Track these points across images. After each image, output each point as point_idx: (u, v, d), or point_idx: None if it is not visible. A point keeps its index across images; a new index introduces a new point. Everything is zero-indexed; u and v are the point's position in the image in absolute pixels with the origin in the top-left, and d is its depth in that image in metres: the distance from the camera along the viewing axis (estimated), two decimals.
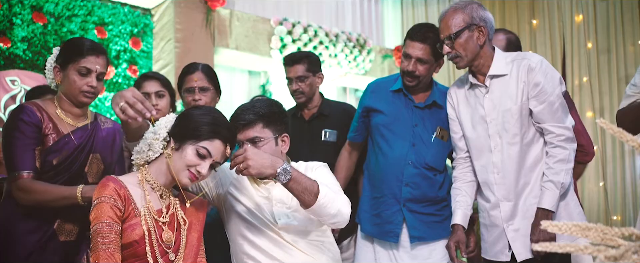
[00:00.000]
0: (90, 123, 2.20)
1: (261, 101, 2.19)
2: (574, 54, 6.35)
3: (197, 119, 1.80)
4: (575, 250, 0.78)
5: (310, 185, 1.91)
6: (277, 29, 5.75)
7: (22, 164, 2.00)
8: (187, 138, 1.77)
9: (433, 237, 2.56)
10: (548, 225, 0.82)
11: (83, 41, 2.15)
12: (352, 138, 2.82)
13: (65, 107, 2.15)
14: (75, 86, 2.09)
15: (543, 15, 6.65)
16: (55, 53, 2.18)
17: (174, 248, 1.79)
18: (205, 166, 1.77)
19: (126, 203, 1.73)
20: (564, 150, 2.19)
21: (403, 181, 2.56)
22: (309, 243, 2.13)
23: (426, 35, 2.50)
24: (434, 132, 2.57)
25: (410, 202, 2.55)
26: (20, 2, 4.36)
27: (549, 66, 2.26)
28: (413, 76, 2.54)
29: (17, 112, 2.07)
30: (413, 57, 2.51)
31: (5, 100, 4.17)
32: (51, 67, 2.16)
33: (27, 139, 2.02)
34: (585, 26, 6.32)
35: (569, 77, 6.32)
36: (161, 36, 5.14)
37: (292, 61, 3.09)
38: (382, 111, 2.65)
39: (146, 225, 1.74)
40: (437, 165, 2.60)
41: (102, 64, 2.13)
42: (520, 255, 2.23)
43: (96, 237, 1.67)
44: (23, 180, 1.99)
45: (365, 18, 6.93)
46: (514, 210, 2.26)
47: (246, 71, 6.14)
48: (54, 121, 2.10)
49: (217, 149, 1.78)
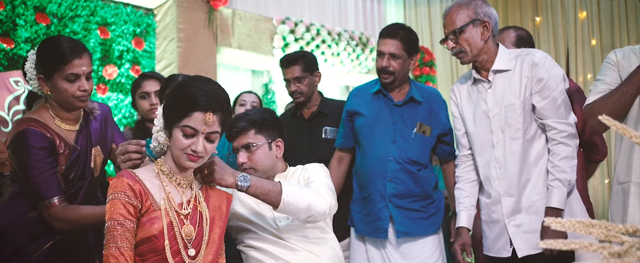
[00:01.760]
0: (82, 118, 2.16)
1: (253, 109, 2.35)
2: (578, 52, 6.33)
3: (169, 100, 1.75)
4: (579, 247, 0.77)
5: (272, 186, 1.96)
6: (280, 28, 5.74)
7: (49, 192, 1.97)
8: (170, 123, 1.73)
9: (419, 232, 2.63)
10: (551, 222, 0.81)
11: (61, 45, 2.02)
12: (341, 144, 2.87)
13: (61, 115, 2.08)
14: (68, 94, 2.01)
15: (546, 12, 6.63)
16: (31, 59, 2.06)
17: (194, 243, 1.74)
18: (198, 143, 1.70)
19: (143, 198, 1.69)
20: (567, 147, 2.18)
21: (387, 177, 2.64)
22: (312, 242, 2.17)
23: (397, 31, 2.67)
24: (414, 128, 2.66)
25: (396, 198, 2.63)
26: (23, 3, 4.36)
27: (553, 62, 2.26)
28: (388, 72, 2.67)
29: (24, 138, 1.98)
30: (386, 54, 2.65)
31: (9, 101, 4.18)
32: (34, 77, 2.04)
33: (45, 166, 1.97)
34: (589, 23, 6.30)
35: (573, 74, 6.30)
36: (164, 35, 5.15)
37: (288, 62, 3.11)
38: (363, 113, 2.75)
39: (167, 218, 1.70)
40: (420, 160, 2.67)
41: (87, 63, 2.04)
42: (521, 250, 2.23)
43: (107, 234, 1.66)
44: (55, 208, 1.96)
45: (367, 17, 6.92)
46: (516, 205, 2.25)
47: (249, 70, 6.14)
48: (60, 135, 2.06)
49: (198, 121, 1.69)
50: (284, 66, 3.13)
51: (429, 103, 2.73)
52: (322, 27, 6.00)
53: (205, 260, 1.76)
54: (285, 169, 2.31)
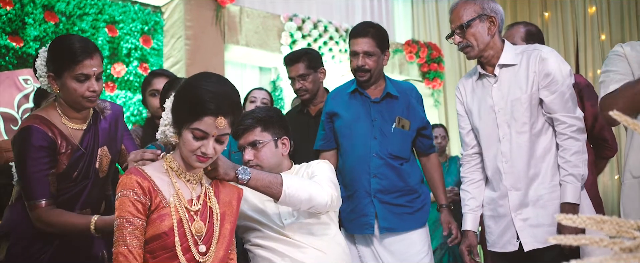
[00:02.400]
0: (92, 117, 2.15)
1: (259, 107, 2.36)
2: (588, 47, 6.29)
3: (179, 100, 1.71)
4: (590, 243, 0.77)
5: (273, 178, 1.96)
6: (287, 25, 5.75)
7: (38, 193, 1.97)
8: (180, 123, 1.70)
9: (403, 227, 2.65)
10: (562, 219, 0.81)
11: (72, 44, 2.01)
12: (321, 146, 2.86)
13: (69, 114, 2.08)
14: (77, 93, 2.00)
15: (555, 7, 6.59)
16: (42, 56, 2.05)
17: (204, 239, 1.72)
18: (208, 146, 1.68)
19: (152, 194, 1.68)
20: (577, 142, 2.19)
21: (371, 173, 2.67)
22: (318, 239, 2.17)
23: (367, 30, 2.70)
24: (393, 123, 2.69)
25: (380, 193, 2.66)
26: (32, 2, 4.39)
27: (560, 58, 2.28)
28: (364, 70, 2.70)
29: (26, 135, 1.98)
30: (360, 53, 2.69)
31: (18, 99, 4.21)
32: (44, 74, 2.04)
33: (40, 165, 1.97)
34: (598, 18, 6.26)
35: (582, 70, 6.26)
36: (171, 33, 5.16)
37: (291, 60, 3.11)
38: (341, 114, 2.77)
39: (177, 215, 1.69)
40: (401, 154, 2.70)
41: (98, 64, 2.02)
42: (528, 244, 2.23)
43: (117, 232, 1.66)
44: (41, 210, 1.97)
45: (375, 13, 6.90)
46: (524, 199, 2.26)
47: (257, 67, 6.15)
48: (64, 134, 2.05)
49: (209, 125, 1.66)
50: (287, 64, 3.13)
51: (406, 97, 2.75)
52: (329, 24, 6.00)
53: (216, 255, 1.75)
54: (290, 167, 2.31)
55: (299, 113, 3.20)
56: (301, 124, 3.06)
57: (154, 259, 1.68)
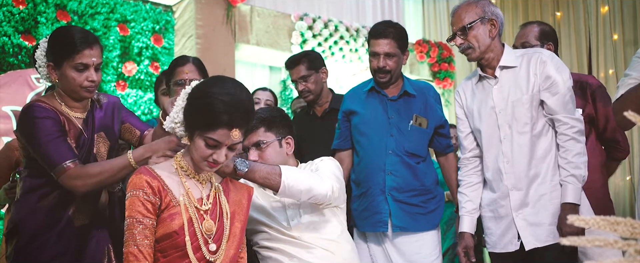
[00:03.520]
0: (90, 106, 2.17)
1: (262, 108, 2.33)
2: (600, 47, 6.24)
3: (192, 107, 1.69)
4: (604, 245, 0.76)
5: (271, 169, 1.96)
6: (298, 24, 5.75)
7: (62, 156, 1.94)
8: (193, 128, 1.69)
9: (415, 228, 2.64)
10: (575, 220, 0.80)
11: (73, 34, 2.03)
12: (337, 145, 2.86)
13: (69, 103, 2.10)
14: (75, 83, 2.02)
15: (567, 7, 6.54)
16: (43, 46, 2.07)
17: (214, 238, 1.73)
18: (220, 154, 1.68)
19: (162, 194, 1.69)
20: (578, 143, 2.23)
21: (386, 170, 2.65)
22: (326, 239, 2.17)
23: (387, 30, 2.68)
24: (410, 120, 2.68)
25: (395, 191, 2.64)
26: (44, 1, 4.43)
27: (559, 61, 2.32)
28: (384, 71, 2.69)
29: (29, 112, 2.00)
30: (381, 54, 2.67)
31: (30, 97, 4.24)
32: (44, 64, 2.06)
33: (53, 133, 1.97)
34: (611, 17, 6.20)
35: (594, 70, 6.22)
36: (182, 32, 5.18)
37: (292, 63, 3.13)
38: (358, 112, 2.76)
39: (186, 214, 1.69)
40: (417, 151, 2.69)
41: (97, 55, 2.04)
42: (529, 244, 2.25)
43: (127, 232, 1.66)
44: (72, 169, 1.93)
45: (386, 12, 6.89)
46: (524, 199, 2.28)
47: (267, 66, 6.16)
48: (67, 117, 2.07)
49: (223, 136, 1.65)
50: (289, 68, 3.15)
51: (424, 96, 2.75)
52: (340, 23, 5.99)
53: (227, 254, 1.76)
54: (296, 165, 2.31)
55: (305, 114, 3.22)
56: (307, 126, 3.08)
57: (165, 258, 1.69)
